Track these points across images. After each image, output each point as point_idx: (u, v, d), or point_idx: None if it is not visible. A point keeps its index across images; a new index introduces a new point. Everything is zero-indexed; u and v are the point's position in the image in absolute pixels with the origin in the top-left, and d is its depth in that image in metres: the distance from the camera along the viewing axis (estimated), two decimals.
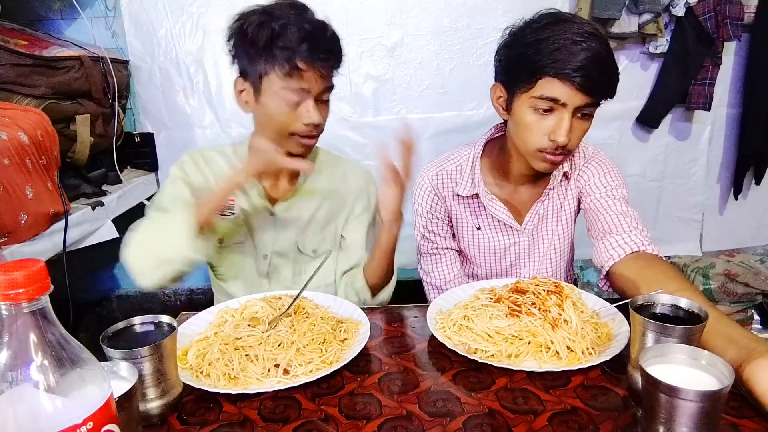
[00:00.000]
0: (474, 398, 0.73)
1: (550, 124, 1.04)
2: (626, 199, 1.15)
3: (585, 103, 1.02)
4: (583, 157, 1.22)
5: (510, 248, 1.27)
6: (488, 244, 1.27)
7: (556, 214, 1.24)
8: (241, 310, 0.95)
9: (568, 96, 1.00)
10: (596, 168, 1.19)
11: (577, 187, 1.22)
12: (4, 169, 1.26)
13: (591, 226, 1.16)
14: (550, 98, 1.02)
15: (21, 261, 0.45)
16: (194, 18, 2.13)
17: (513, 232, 1.25)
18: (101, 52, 1.94)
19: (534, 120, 1.05)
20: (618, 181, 1.17)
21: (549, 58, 0.99)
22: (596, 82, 1.00)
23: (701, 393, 0.55)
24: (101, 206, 1.77)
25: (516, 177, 1.22)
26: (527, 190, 1.24)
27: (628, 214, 1.10)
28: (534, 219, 1.24)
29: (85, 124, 1.76)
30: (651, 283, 0.90)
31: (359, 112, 2.26)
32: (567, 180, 1.22)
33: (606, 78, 1.02)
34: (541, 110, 1.04)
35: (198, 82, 2.21)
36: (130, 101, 2.25)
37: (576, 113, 1.03)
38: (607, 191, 1.15)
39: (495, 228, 1.25)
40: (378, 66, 2.21)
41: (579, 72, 0.98)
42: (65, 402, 0.46)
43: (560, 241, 1.27)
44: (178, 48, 2.17)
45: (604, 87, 1.03)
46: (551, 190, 1.21)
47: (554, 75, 1.00)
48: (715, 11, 2.02)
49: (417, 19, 2.16)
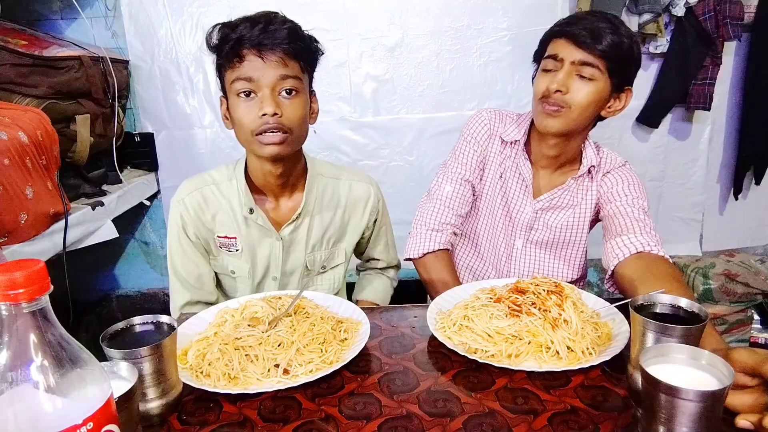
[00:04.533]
0: (474, 398, 0.73)
1: (551, 79, 1.11)
2: (645, 210, 1.16)
3: (582, 60, 1.07)
4: (611, 162, 1.23)
5: (514, 210, 1.28)
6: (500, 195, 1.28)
7: (570, 209, 1.25)
8: (241, 310, 0.94)
9: (564, 49, 1.10)
10: (621, 178, 1.21)
11: (598, 193, 1.23)
12: (4, 169, 1.26)
13: (606, 230, 1.17)
14: (551, 55, 1.12)
15: (21, 261, 0.45)
16: (194, 18, 2.13)
17: (524, 198, 1.26)
18: (101, 52, 1.94)
19: (541, 77, 1.15)
20: (640, 194, 1.19)
21: (560, 23, 1.13)
22: (594, 38, 1.06)
23: (701, 393, 0.55)
24: (101, 206, 1.77)
25: (538, 156, 1.24)
26: (551, 174, 1.26)
27: (643, 221, 1.11)
28: (548, 202, 1.25)
29: (85, 124, 1.76)
30: (645, 283, 0.91)
31: (359, 112, 2.26)
32: (590, 178, 1.23)
33: (609, 39, 1.06)
34: (547, 70, 1.13)
35: (198, 82, 2.21)
36: (130, 101, 2.25)
37: (576, 72, 1.09)
38: (629, 200, 1.17)
39: (512, 184, 1.27)
40: (378, 66, 2.21)
41: (576, 27, 1.08)
42: (65, 402, 0.46)
43: (566, 240, 1.27)
44: (178, 48, 2.17)
45: (602, 44, 1.06)
46: (574, 181, 1.23)
47: (558, 35, 1.12)
48: (715, 11, 2.03)
49: (417, 19, 2.16)
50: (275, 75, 1.00)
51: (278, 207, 1.18)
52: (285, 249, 1.19)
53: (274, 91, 1.01)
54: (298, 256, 1.21)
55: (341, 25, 2.15)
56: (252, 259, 1.19)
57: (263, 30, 0.99)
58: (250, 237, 1.17)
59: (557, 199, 1.25)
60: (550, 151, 1.20)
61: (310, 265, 1.22)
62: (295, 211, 1.16)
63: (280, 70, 1.01)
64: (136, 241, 2.44)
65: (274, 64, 1.00)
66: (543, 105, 1.12)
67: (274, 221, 1.17)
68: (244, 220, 1.15)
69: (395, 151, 2.31)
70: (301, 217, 1.17)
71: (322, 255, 1.23)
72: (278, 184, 1.14)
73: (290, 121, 1.03)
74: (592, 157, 1.21)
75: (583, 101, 1.10)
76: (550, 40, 1.14)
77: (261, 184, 1.15)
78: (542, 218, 1.27)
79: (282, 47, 1.00)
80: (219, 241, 1.18)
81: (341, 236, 1.25)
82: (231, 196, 1.16)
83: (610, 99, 1.13)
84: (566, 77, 1.09)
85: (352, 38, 2.17)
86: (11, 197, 1.28)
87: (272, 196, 1.17)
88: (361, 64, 2.21)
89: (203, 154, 2.29)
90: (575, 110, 1.10)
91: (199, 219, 1.16)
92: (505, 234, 1.31)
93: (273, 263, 1.20)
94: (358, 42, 2.18)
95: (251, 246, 1.18)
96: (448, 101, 2.25)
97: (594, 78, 1.08)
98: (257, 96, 1.01)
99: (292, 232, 1.18)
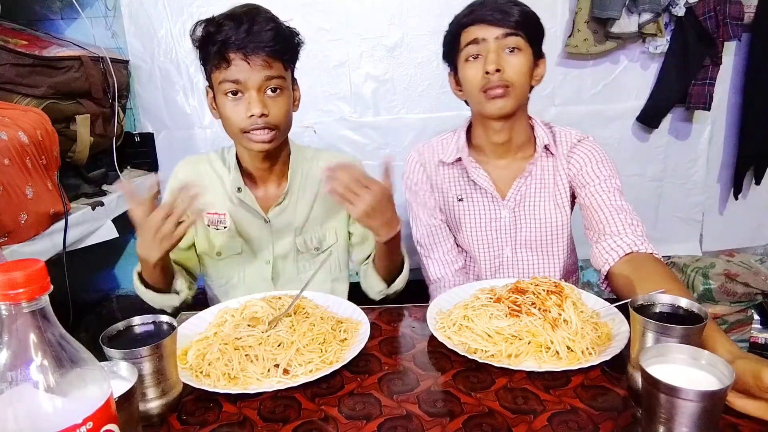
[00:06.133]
0: (474, 398, 0.73)
1: (482, 64, 1.12)
2: (620, 189, 1.17)
3: (505, 33, 1.10)
4: (567, 138, 1.24)
5: (491, 223, 1.27)
6: (470, 217, 1.28)
7: (541, 194, 1.24)
8: (241, 310, 0.95)
9: (483, 31, 1.11)
10: (588, 155, 1.21)
11: (568, 174, 1.22)
12: (4, 169, 1.26)
13: (588, 224, 1.17)
14: (471, 41, 1.13)
15: (21, 261, 0.45)
16: (194, 18, 2.11)
17: (495, 206, 1.26)
18: (101, 52, 1.94)
19: (469, 68, 1.15)
20: (611, 171, 1.19)
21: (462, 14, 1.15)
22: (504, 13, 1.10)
23: (701, 393, 0.55)
24: (101, 206, 1.77)
25: (491, 148, 1.24)
26: (509, 165, 1.25)
27: (623, 208, 1.12)
28: (517, 195, 1.24)
29: (85, 124, 1.76)
30: (641, 284, 0.91)
31: (359, 112, 2.26)
32: (552, 156, 1.23)
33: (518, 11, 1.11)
34: (471, 59, 1.14)
35: (198, 82, 2.21)
36: (130, 101, 2.25)
37: (503, 48, 1.11)
38: (601, 182, 1.17)
39: (476, 200, 1.27)
40: (378, 66, 2.21)
41: (481, 11, 1.11)
42: (65, 402, 0.46)
43: (550, 226, 1.25)
44: (178, 48, 2.17)
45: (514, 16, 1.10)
46: (533, 165, 1.23)
47: (469, 23, 1.13)
48: (715, 11, 2.02)
49: (417, 19, 2.16)
50: (260, 77, 1.05)
51: (266, 190, 1.23)
52: (274, 232, 1.22)
53: (260, 92, 1.06)
54: (288, 238, 1.23)
55: (341, 25, 2.15)
56: (241, 238, 1.22)
57: (248, 32, 1.02)
58: (239, 216, 1.21)
59: (524, 187, 1.24)
60: (499, 138, 1.21)
61: (300, 247, 1.24)
62: (281, 195, 1.21)
63: (265, 71, 1.05)
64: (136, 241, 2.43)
65: (259, 67, 1.04)
66: (487, 93, 1.13)
67: (261, 205, 1.21)
68: (234, 199, 1.20)
69: (395, 151, 2.31)
70: (287, 198, 1.21)
71: (312, 236, 1.25)
72: (264, 168, 1.20)
73: (277, 119, 1.09)
74: (543, 136, 1.22)
75: (521, 73, 1.13)
76: (460, 32, 1.15)
77: (249, 168, 1.21)
78: (522, 216, 1.25)
79: (266, 50, 1.04)
80: (208, 218, 1.21)
81: (328, 215, 1.26)
82: (223, 174, 1.22)
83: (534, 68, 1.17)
84: (497, 56, 1.10)
85: (352, 38, 2.17)
86: (11, 197, 1.28)
87: (260, 180, 1.22)
88: (361, 64, 2.21)
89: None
90: (518, 86, 1.13)
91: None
92: (492, 247, 1.30)
93: (264, 246, 1.23)
94: (358, 42, 2.18)
95: (240, 224, 1.21)
96: (448, 101, 2.24)
97: (520, 47, 1.12)
98: (244, 96, 1.06)
99: (279, 215, 1.21)
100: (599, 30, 2.08)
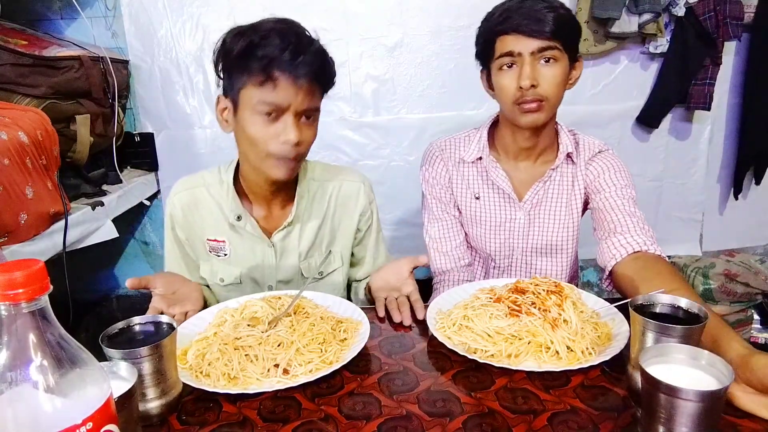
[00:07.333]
0: (474, 398, 0.73)
1: (516, 75, 1.09)
2: (635, 199, 1.16)
3: (540, 47, 1.07)
4: (589, 147, 1.23)
5: (505, 224, 1.27)
6: (485, 216, 1.28)
7: (558, 199, 1.24)
8: (241, 309, 0.94)
9: (517, 43, 1.08)
10: (606, 164, 1.20)
11: (584, 181, 1.22)
12: (4, 169, 1.26)
13: (598, 225, 1.17)
14: (506, 53, 1.09)
15: (21, 261, 0.45)
16: (194, 18, 2.13)
17: (511, 207, 1.26)
18: (101, 52, 1.94)
19: (504, 77, 1.12)
20: (627, 181, 1.18)
21: (498, 21, 1.10)
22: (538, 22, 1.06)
23: (701, 393, 0.55)
24: (101, 206, 1.77)
25: (515, 151, 1.24)
26: (529, 167, 1.25)
27: (635, 214, 1.11)
28: (534, 198, 1.24)
29: (85, 124, 1.76)
30: (647, 282, 0.90)
31: (359, 112, 2.26)
32: (572, 164, 1.23)
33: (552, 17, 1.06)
34: (505, 67, 1.11)
35: (198, 82, 2.21)
36: (130, 101, 2.25)
37: (539, 60, 1.08)
38: (617, 190, 1.16)
39: (493, 200, 1.27)
40: (378, 66, 2.21)
41: (515, 19, 1.07)
42: (64, 402, 0.46)
43: (560, 231, 1.26)
44: (178, 48, 2.16)
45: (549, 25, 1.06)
46: (554, 171, 1.22)
47: (503, 32, 1.09)
48: (715, 11, 2.02)
49: (417, 19, 2.16)
50: (304, 104, 0.98)
51: (269, 213, 1.16)
52: (277, 256, 1.17)
53: (297, 118, 0.99)
54: (292, 263, 1.18)
55: (341, 25, 2.15)
56: (241, 265, 1.16)
57: (294, 53, 0.94)
58: (239, 242, 1.15)
59: (542, 191, 1.24)
60: (526, 143, 1.20)
61: (305, 272, 1.20)
62: (286, 218, 1.14)
63: (308, 100, 0.99)
64: (136, 241, 2.44)
65: (304, 94, 0.97)
66: (521, 106, 1.11)
67: (264, 228, 1.15)
68: (233, 227, 1.14)
69: (395, 151, 2.31)
70: (292, 224, 1.15)
71: (317, 261, 1.21)
72: (271, 191, 1.13)
73: (306, 147, 1.03)
74: (567, 143, 1.21)
75: (555, 84, 1.10)
76: (494, 39, 1.11)
77: (253, 190, 1.13)
78: (537, 219, 1.26)
79: (312, 77, 0.97)
80: (209, 245, 1.17)
81: (334, 239, 1.23)
82: (221, 199, 1.14)
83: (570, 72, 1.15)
84: (532, 69, 1.08)
85: (352, 38, 2.17)
86: (11, 197, 1.28)
87: (264, 202, 1.15)
88: (361, 64, 2.21)
89: (203, 154, 2.29)
90: (552, 98, 1.11)
91: (186, 220, 1.15)
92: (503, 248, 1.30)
93: (267, 271, 1.18)
94: (358, 42, 2.18)
95: (240, 251, 1.16)
96: (448, 101, 2.25)
97: (556, 58, 1.09)
98: (279, 118, 0.98)
99: (283, 239, 1.16)
100: (599, 30, 2.09)
